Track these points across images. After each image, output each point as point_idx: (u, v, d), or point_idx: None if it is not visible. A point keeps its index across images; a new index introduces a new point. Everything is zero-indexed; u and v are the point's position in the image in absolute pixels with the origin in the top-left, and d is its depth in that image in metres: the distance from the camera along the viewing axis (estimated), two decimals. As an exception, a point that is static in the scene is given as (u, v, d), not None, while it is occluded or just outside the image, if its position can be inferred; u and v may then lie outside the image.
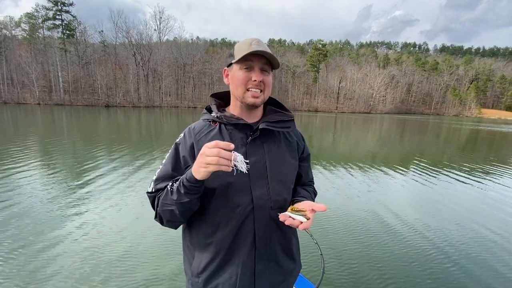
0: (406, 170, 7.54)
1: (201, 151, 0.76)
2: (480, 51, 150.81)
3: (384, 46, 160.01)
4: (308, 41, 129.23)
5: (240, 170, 0.79)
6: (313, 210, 0.84)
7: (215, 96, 1.09)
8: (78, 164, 6.63)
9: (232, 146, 0.73)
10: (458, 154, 11.07)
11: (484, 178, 6.91)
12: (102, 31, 57.30)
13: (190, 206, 0.86)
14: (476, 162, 9.21)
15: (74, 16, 52.54)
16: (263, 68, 0.92)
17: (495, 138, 18.84)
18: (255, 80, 0.90)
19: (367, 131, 20.69)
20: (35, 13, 51.00)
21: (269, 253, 0.96)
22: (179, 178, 0.87)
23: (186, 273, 1.03)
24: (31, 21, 51.45)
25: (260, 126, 0.94)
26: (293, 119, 1.06)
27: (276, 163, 0.97)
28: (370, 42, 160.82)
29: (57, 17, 51.21)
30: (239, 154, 0.77)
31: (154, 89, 54.87)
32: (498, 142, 16.59)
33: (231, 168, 0.74)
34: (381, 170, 7.35)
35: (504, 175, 7.42)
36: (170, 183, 0.88)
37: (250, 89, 0.92)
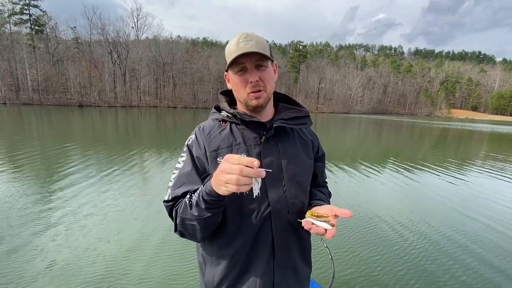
0: (416, 171, 7.62)
1: (221, 166, 0.66)
2: (450, 54, 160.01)
3: (362, 48, 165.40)
4: (289, 42, 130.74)
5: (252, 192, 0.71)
6: (336, 216, 0.77)
7: (223, 93, 1.03)
8: (49, 172, 6.22)
9: (257, 163, 0.62)
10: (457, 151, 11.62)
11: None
12: (75, 27, 54.61)
13: (213, 221, 0.79)
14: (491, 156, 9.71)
15: (43, 11, 49.60)
16: (258, 64, 0.84)
17: (463, 135, 19.99)
18: (251, 82, 0.84)
19: (361, 133, 21.15)
20: (1, 7, 47.58)
21: (288, 260, 0.90)
22: (196, 190, 0.79)
23: None
24: (-4, 15, 47.95)
25: (275, 124, 0.88)
26: (309, 115, 0.98)
27: (292, 163, 0.90)
28: (349, 44, 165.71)
29: (25, 11, 48.09)
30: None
31: (132, 89, 53.08)
32: (466, 139, 17.63)
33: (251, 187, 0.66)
34: (389, 171, 7.33)
35: (473, 168, 7.90)
36: (188, 196, 0.79)
37: (250, 91, 0.86)
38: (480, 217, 4.31)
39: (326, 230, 0.73)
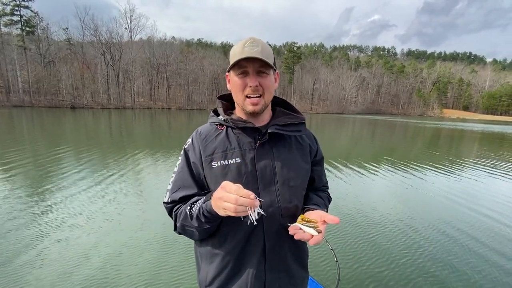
0: (414, 170, 7.62)
1: (219, 193, 0.71)
2: (442, 55, 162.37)
3: (356, 49, 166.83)
4: (284, 43, 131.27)
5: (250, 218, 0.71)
6: (324, 222, 0.78)
7: (222, 98, 1.04)
8: (34, 179, 6.07)
9: (253, 195, 0.67)
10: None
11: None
12: (67, 28, 53.80)
13: (211, 229, 0.86)
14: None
15: (35, 12, 48.77)
16: (260, 70, 0.86)
17: (455, 135, 20.27)
18: (251, 86, 0.85)
19: (355, 133, 21.21)
20: (-10, 8, 46.64)
21: (280, 263, 0.91)
22: (197, 200, 0.84)
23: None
24: (-15, 16, 46.95)
25: (269, 130, 0.89)
26: (304, 122, 1.00)
27: (286, 168, 0.91)
28: (343, 45, 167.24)
29: (15, 12, 47.24)
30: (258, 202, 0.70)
31: (125, 90, 52.52)
32: (458, 138, 17.85)
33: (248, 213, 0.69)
34: (388, 171, 7.31)
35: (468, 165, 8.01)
36: (189, 207, 0.84)
37: (248, 96, 0.87)
38: (486, 215, 4.34)
39: (312, 236, 0.74)
